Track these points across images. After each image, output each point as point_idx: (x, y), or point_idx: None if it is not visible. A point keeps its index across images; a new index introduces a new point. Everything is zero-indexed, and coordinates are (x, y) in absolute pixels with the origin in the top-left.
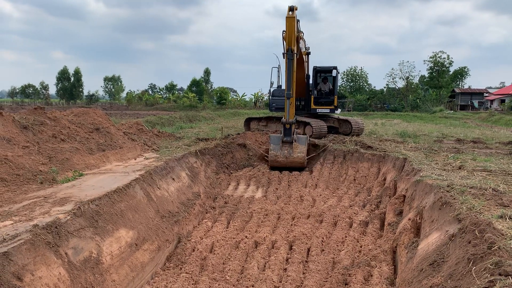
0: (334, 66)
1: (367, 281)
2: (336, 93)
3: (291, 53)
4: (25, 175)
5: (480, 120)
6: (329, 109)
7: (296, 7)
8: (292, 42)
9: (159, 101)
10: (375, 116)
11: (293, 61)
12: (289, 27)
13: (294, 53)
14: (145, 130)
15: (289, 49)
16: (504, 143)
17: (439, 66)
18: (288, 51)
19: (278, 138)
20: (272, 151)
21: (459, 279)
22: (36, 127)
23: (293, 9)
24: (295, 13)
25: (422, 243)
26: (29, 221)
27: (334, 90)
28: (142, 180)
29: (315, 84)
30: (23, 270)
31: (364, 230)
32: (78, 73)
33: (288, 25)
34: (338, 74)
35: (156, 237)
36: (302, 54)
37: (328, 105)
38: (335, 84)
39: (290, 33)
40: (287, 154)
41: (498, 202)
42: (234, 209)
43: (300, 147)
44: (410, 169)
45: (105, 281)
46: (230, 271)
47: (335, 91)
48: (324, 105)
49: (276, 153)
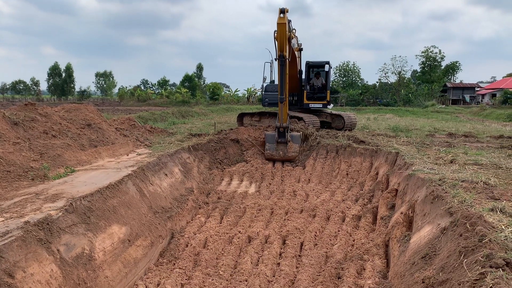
0: (326, 61)
1: (360, 274)
2: (329, 88)
3: (283, 59)
4: (16, 172)
5: (472, 114)
6: (322, 104)
7: (287, 9)
8: (284, 48)
9: (152, 96)
10: (367, 111)
11: (285, 66)
12: (280, 33)
13: (286, 59)
14: (137, 126)
15: (280, 55)
16: (495, 137)
17: (431, 60)
18: (280, 56)
19: (273, 137)
20: (268, 150)
21: (451, 272)
22: (27, 123)
23: (284, 11)
24: (286, 16)
25: (414, 236)
26: (20, 218)
27: (327, 85)
28: (135, 176)
29: (307, 79)
30: (15, 267)
31: (356, 224)
32: (69, 68)
33: (279, 31)
34: (330, 69)
35: (149, 233)
36: (294, 51)
37: (320, 100)
38: (328, 79)
39: (282, 39)
40: (282, 154)
41: (489, 195)
42: (228, 204)
43: (294, 146)
44: (402, 163)
45: (98, 277)
46: (224, 266)
47: (327, 86)
48: (317, 100)
49: (272, 152)
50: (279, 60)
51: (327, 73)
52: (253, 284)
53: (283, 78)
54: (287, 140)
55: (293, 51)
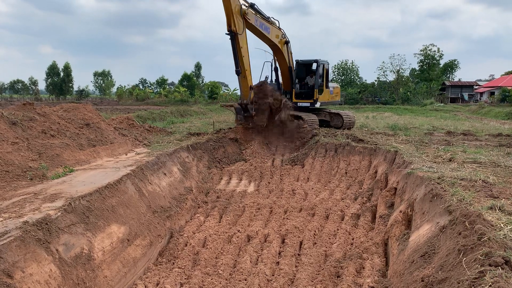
0: (315, 60)
1: (359, 273)
2: (317, 87)
3: (232, 33)
4: (15, 172)
5: (470, 113)
6: (309, 103)
7: None
8: (231, 22)
9: (150, 95)
10: (366, 109)
11: (236, 40)
12: (225, 6)
13: (236, 33)
14: (136, 125)
15: (229, 30)
16: (493, 135)
17: (430, 59)
18: (229, 31)
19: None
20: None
21: (450, 270)
22: (25, 123)
23: None
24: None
25: (413, 235)
26: (19, 217)
27: (315, 84)
28: (134, 176)
29: (297, 77)
30: (14, 267)
31: (355, 222)
32: (67, 68)
33: (224, 5)
34: (320, 68)
35: (148, 232)
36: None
37: (308, 99)
38: (316, 78)
39: (227, 13)
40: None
41: (488, 194)
42: (227, 203)
43: (260, 117)
44: (401, 161)
45: (97, 277)
46: (223, 265)
47: (316, 85)
48: (305, 99)
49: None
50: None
51: (316, 71)
52: (252, 283)
53: (235, 52)
54: (252, 114)
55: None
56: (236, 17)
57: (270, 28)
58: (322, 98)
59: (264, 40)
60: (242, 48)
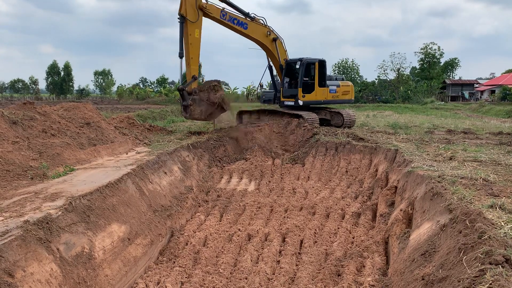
0: (299, 58)
1: (359, 272)
2: (300, 85)
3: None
4: (15, 171)
5: (471, 111)
6: (293, 102)
7: None
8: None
9: (150, 94)
10: (366, 108)
11: (185, 25)
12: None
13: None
14: (136, 124)
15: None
16: (494, 134)
17: (430, 57)
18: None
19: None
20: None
21: (450, 269)
22: (26, 122)
23: None
24: None
25: (414, 233)
26: (20, 217)
27: (298, 82)
28: (134, 175)
29: (287, 76)
30: (14, 267)
31: (356, 221)
32: (68, 67)
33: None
34: (303, 67)
35: (149, 231)
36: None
37: (292, 98)
38: (300, 76)
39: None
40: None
41: (488, 192)
42: (227, 202)
43: (196, 109)
44: (402, 160)
45: (97, 276)
46: (223, 264)
47: (299, 84)
48: (290, 98)
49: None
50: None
51: (298, 70)
52: (253, 282)
53: (181, 36)
54: (189, 104)
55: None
56: (187, 4)
57: (247, 24)
58: (313, 97)
59: (246, 37)
60: (190, 36)
